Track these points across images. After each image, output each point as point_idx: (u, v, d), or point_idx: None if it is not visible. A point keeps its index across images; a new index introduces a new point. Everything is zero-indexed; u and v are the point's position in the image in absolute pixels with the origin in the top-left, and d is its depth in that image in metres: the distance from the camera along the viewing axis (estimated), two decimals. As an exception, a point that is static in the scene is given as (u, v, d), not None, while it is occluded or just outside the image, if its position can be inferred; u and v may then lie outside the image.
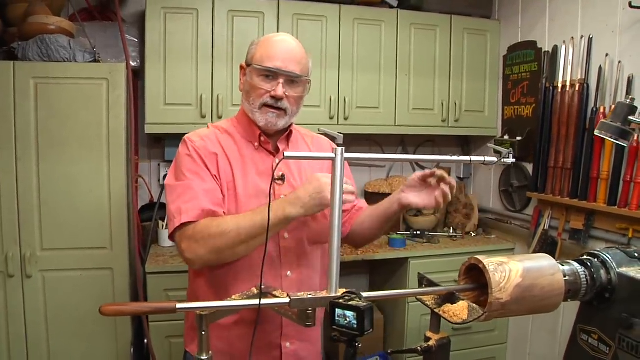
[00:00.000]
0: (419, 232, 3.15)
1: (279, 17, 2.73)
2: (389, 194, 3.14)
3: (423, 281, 1.51)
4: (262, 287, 1.28)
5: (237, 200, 1.41)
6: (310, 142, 1.62)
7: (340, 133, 1.51)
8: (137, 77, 2.79)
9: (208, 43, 2.63)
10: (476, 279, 1.22)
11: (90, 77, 2.33)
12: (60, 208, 2.35)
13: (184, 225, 1.33)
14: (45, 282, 2.38)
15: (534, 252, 2.78)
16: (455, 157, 1.29)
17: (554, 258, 2.57)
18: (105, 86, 2.34)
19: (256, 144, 1.48)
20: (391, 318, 3.04)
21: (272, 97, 1.41)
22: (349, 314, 0.81)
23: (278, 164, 1.21)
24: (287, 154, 1.05)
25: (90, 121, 2.34)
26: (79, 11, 2.67)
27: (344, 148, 1.08)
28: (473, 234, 3.27)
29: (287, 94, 1.41)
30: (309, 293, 1.13)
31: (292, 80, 1.43)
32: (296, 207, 1.29)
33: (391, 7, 3.01)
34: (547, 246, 2.70)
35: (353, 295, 0.86)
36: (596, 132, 1.79)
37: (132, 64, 2.64)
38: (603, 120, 1.75)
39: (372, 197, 3.30)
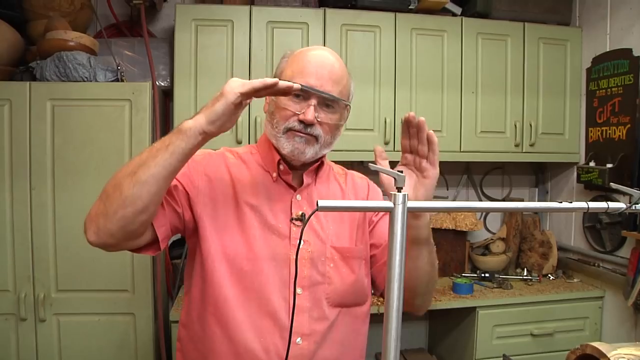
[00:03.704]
0: (487, 275, 2.71)
1: (325, 28, 2.40)
2: (454, 230, 2.79)
3: (513, 368, 1.11)
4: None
5: (245, 232, 1.15)
6: (344, 181, 1.30)
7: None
8: (168, 97, 2.53)
9: (245, 58, 2.33)
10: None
11: (111, 98, 2.09)
12: (77, 244, 2.09)
13: None
14: (60, 327, 2.15)
15: (635, 304, 2.28)
16: (565, 204, 0.89)
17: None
18: (127, 108, 2.10)
19: (274, 174, 1.20)
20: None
21: (301, 122, 1.11)
22: None
23: (311, 215, 0.87)
24: (321, 203, 0.70)
25: (111, 147, 2.11)
26: (107, 27, 2.45)
27: (406, 194, 0.72)
28: (551, 277, 2.79)
29: (319, 119, 1.11)
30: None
31: (327, 103, 1.13)
32: (198, 115, 1.02)
33: (454, 14, 2.62)
34: (653, 298, 2.21)
35: None
36: None
37: (162, 83, 2.39)
38: None
39: (434, 234, 2.86)
